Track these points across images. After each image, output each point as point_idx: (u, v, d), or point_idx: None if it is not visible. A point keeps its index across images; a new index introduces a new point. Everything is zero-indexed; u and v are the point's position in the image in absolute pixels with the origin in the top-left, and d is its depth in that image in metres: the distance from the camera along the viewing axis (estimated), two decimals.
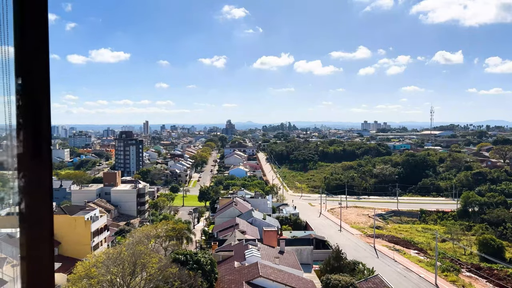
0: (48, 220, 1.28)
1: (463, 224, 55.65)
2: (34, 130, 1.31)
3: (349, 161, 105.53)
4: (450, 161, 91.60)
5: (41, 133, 1.32)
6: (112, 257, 21.55)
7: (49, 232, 1.28)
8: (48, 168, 1.32)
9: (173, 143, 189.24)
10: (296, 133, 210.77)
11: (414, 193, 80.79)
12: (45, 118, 1.35)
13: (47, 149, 1.33)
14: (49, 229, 1.28)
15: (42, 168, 1.32)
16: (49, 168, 1.30)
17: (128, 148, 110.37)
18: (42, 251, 1.28)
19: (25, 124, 1.32)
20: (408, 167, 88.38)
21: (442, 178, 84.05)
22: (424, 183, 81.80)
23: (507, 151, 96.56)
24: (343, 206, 64.40)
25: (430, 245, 45.99)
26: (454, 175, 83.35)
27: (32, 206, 1.29)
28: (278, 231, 38.00)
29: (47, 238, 1.27)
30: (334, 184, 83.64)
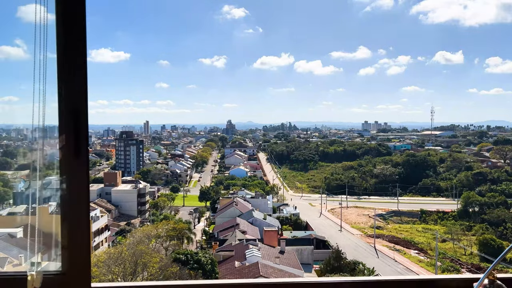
0: (85, 209, 1.55)
1: (463, 224, 55.68)
2: (75, 133, 1.54)
3: (349, 161, 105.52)
4: (451, 161, 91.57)
5: (80, 136, 1.54)
6: (113, 256, 21.62)
7: (86, 218, 1.54)
8: (86, 166, 1.55)
9: (174, 143, 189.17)
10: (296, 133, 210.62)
11: (414, 193, 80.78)
12: (83, 122, 1.56)
13: (85, 150, 1.54)
14: (86, 215, 1.55)
15: (82, 166, 1.55)
16: (87, 166, 1.55)
17: (128, 148, 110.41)
18: (81, 236, 1.55)
19: (67, 128, 1.53)
20: (408, 167, 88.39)
21: (442, 178, 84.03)
22: (425, 183, 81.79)
23: (508, 152, 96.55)
24: (343, 206, 64.41)
25: (430, 245, 46.02)
26: (455, 175, 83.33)
27: (73, 198, 1.53)
28: (278, 231, 38.05)
29: (85, 222, 1.54)
30: (335, 184, 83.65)
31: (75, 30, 1.55)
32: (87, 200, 1.56)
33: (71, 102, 1.54)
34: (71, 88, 1.56)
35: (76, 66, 1.57)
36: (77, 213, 1.55)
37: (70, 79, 1.54)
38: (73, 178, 1.54)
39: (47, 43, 1.53)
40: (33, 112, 1.46)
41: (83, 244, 1.57)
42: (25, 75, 73.01)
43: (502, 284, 1.51)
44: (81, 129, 1.54)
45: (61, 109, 1.53)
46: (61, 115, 1.54)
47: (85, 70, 1.57)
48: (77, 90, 1.56)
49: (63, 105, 1.55)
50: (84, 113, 1.56)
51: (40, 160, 1.66)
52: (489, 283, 1.51)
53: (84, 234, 1.57)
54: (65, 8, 1.52)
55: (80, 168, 1.54)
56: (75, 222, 1.55)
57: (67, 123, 1.53)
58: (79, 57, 1.58)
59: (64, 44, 1.54)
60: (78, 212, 1.55)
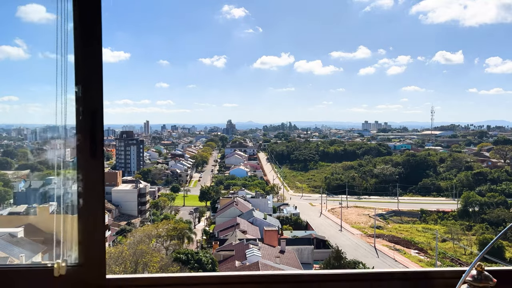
0: (101, 206, 1.67)
1: (463, 224, 55.70)
2: (91, 134, 1.63)
3: (349, 161, 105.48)
4: (451, 161, 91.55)
5: (96, 137, 1.63)
6: (114, 256, 21.67)
7: (102, 214, 1.67)
8: (102, 166, 1.66)
9: (174, 143, 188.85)
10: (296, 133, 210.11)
11: (414, 193, 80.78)
12: (99, 123, 1.64)
13: (101, 150, 1.65)
14: (102, 212, 1.67)
15: (98, 166, 1.66)
16: (102, 166, 1.66)
17: (128, 148, 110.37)
18: (97, 231, 1.67)
19: (84, 129, 1.63)
20: (408, 167, 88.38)
21: (442, 178, 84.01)
22: (425, 183, 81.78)
23: (508, 151, 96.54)
24: (343, 206, 64.42)
25: (430, 245, 46.06)
26: (455, 175, 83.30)
27: (89, 196, 1.65)
28: (278, 230, 38.09)
29: (101, 218, 1.67)
30: (335, 184, 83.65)
31: (91, 34, 1.62)
32: (102, 197, 1.65)
33: (88, 104, 1.61)
34: (88, 90, 1.62)
35: (92, 69, 1.63)
36: (93, 210, 1.66)
37: (87, 81, 1.62)
38: (90, 177, 1.64)
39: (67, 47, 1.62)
40: (56, 112, 1.56)
41: (98, 238, 1.67)
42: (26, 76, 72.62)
43: (489, 275, 1.59)
44: (97, 130, 1.62)
45: (78, 111, 1.61)
46: (78, 116, 1.61)
47: (100, 73, 1.63)
48: (93, 92, 1.63)
49: (80, 107, 1.62)
50: (100, 114, 1.63)
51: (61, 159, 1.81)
52: (477, 274, 1.60)
53: (99, 228, 1.67)
54: (82, 14, 1.60)
55: (96, 168, 1.64)
56: (91, 218, 1.66)
57: (84, 124, 1.61)
58: (95, 60, 1.64)
59: (81, 47, 1.61)
60: (94, 208, 1.66)
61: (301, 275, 1.88)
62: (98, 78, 1.65)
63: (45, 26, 69.13)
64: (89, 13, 1.60)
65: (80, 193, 1.64)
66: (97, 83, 1.65)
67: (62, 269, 1.59)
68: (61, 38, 1.61)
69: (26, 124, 66.96)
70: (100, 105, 1.62)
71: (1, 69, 77.86)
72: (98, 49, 1.65)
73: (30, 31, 62.45)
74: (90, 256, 1.66)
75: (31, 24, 63.44)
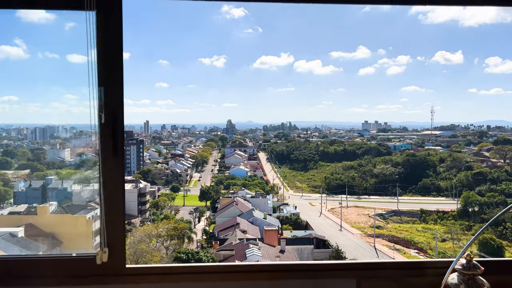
0: (121, 198, 1.88)
1: (463, 224, 55.71)
2: (113, 135, 1.79)
3: (349, 161, 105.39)
4: (451, 161, 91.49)
5: (117, 137, 1.79)
6: None
7: (122, 205, 1.87)
8: (122, 164, 1.83)
9: (174, 143, 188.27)
10: (296, 133, 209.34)
11: (414, 193, 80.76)
12: (120, 125, 1.79)
13: (122, 149, 1.80)
14: (122, 203, 1.88)
15: (119, 164, 1.84)
16: (122, 164, 1.83)
17: (128, 147, 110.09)
18: (118, 220, 1.87)
19: (106, 130, 1.81)
20: (408, 167, 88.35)
21: (442, 178, 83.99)
22: (425, 183, 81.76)
23: (508, 151, 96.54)
24: (343, 206, 64.44)
25: (430, 245, 46.12)
26: (455, 175, 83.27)
27: (111, 186, 1.85)
28: (278, 230, 38.12)
29: (121, 206, 1.87)
30: (335, 184, 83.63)
31: (113, 39, 1.78)
32: (123, 192, 1.85)
33: (109, 107, 1.78)
34: (110, 94, 1.77)
35: (114, 74, 1.77)
36: (115, 203, 1.87)
37: (109, 85, 1.78)
38: (112, 174, 1.83)
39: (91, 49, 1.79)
40: (90, 113, 1.71)
41: (119, 229, 1.86)
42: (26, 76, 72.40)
43: (477, 263, 1.74)
44: (118, 131, 1.78)
45: (101, 112, 1.76)
46: (100, 118, 1.77)
47: (121, 77, 1.76)
48: (114, 96, 1.78)
49: (103, 109, 1.77)
50: (120, 117, 1.77)
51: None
52: (466, 263, 1.74)
53: (120, 220, 1.88)
54: (104, 22, 1.77)
55: (117, 166, 1.83)
56: (114, 210, 1.87)
57: (106, 125, 1.76)
58: (117, 64, 1.78)
59: (104, 52, 1.78)
60: (116, 202, 1.87)
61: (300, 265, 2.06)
62: (119, 82, 1.79)
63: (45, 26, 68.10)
64: (111, 21, 1.76)
65: (104, 188, 1.82)
66: (118, 87, 1.78)
67: (104, 257, 1.78)
68: (90, 43, 1.77)
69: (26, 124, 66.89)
70: (121, 108, 1.76)
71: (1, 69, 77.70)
72: (119, 54, 1.78)
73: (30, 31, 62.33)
74: (112, 246, 1.84)
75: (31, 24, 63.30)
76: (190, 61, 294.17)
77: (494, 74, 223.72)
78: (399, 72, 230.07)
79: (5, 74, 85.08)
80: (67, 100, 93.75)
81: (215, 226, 46.51)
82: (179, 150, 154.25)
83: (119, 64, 1.80)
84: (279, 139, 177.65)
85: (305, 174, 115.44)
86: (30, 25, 62.98)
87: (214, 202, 63.46)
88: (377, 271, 1.99)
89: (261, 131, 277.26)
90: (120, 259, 1.84)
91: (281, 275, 1.98)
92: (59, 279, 1.80)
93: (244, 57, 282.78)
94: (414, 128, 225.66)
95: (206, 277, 1.88)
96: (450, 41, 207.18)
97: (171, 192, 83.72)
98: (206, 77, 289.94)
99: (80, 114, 58.60)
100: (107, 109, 1.80)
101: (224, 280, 1.88)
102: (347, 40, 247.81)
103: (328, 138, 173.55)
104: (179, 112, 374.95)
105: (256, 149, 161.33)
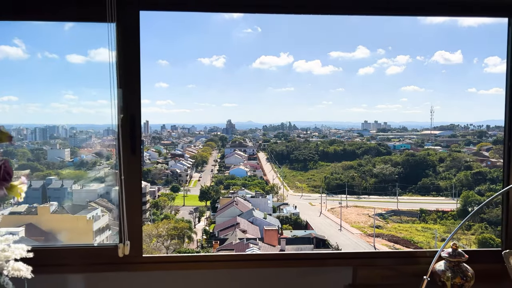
0: (138, 192, 2.13)
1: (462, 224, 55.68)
2: (131, 134, 2.05)
3: (349, 160, 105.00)
4: (450, 161, 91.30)
5: (135, 137, 2.08)
6: None
7: (139, 198, 2.13)
8: (139, 161, 2.11)
9: (174, 143, 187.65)
10: (296, 133, 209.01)
11: (414, 192, 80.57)
12: (137, 125, 2.05)
13: (139, 148, 2.09)
14: (139, 196, 2.13)
15: (137, 163, 2.14)
16: (140, 161, 2.11)
17: None
18: (135, 211, 2.14)
19: (125, 130, 2.06)
20: (408, 167, 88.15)
21: (442, 177, 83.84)
22: (424, 183, 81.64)
23: None
24: (343, 206, 64.42)
25: (429, 244, 46.10)
26: (454, 174, 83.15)
27: (130, 183, 2.10)
28: (278, 230, 38.12)
29: (138, 201, 2.14)
30: (334, 183, 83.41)
31: (131, 46, 2.03)
32: (140, 187, 2.13)
33: (128, 109, 2.00)
34: (128, 97, 2.00)
35: (132, 79, 2.01)
36: (133, 197, 2.13)
37: (128, 89, 2.01)
38: (131, 170, 2.10)
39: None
40: (112, 115, 1.93)
41: (137, 222, 2.15)
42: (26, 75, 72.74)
43: (462, 252, 2.01)
44: (136, 131, 2.04)
45: (120, 114, 1.99)
46: (119, 119, 1.99)
47: (138, 82, 2.00)
48: (133, 99, 2.00)
49: (122, 111, 2.00)
50: (138, 117, 2.03)
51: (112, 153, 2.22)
52: (452, 251, 2.02)
53: (137, 213, 2.15)
54: (123, 32, 2.02)
55: (135, 163, 2.12)
56: (131, 204, 2.13)
57: (125, 126, 2.00)
58: (135, 70, 2.03)
59: (123, 59, 2.00)
60: (134, 196, 2.14)
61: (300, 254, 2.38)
62: (137, 85, 2.03)
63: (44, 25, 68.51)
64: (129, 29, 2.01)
65: (123, 184, 2.09)
66: (136, 91, 2.02)
67: (126, 249, 1.97)
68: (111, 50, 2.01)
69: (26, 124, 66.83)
70: (138, 110, 2.02)
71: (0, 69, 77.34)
72: (137, 60, 2.03)
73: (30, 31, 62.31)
74: (131, 237, 2.10)
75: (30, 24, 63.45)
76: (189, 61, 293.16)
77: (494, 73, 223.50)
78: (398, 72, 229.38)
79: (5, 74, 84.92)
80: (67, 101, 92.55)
81: (215, 226, 46.32)
82: (179, 150, 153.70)
83: (137, 69, 2.05)
84: (279, 139, 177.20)
85: (305, 174, 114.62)
86: (29, 25, 63.01)
87: (214, 202, 63.00)
88: (372, 260, 2.24)
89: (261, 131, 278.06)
90: (137, 249, 2.11)
91: (284, 263, 2.22)
92: (84, 267, 2.07)
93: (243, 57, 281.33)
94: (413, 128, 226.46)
95: (215, 265, 2.15)
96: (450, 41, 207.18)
97: (171, 192, 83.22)
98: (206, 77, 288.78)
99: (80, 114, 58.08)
100: (126, 111, 2.02)
101: (231, 268, 2.14)
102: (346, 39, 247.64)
103: (327, 138, 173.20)
104: (179, 112, 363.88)
105: (256, 149, 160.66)
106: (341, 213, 60.91)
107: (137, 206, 2.17)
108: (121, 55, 2.05)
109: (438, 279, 2.02)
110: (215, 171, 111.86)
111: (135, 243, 2.15)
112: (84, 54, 61.91)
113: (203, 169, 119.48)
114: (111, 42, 1.96)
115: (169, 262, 2.19)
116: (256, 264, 2.21)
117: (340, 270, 2.22)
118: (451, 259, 2.02)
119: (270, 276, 2.20)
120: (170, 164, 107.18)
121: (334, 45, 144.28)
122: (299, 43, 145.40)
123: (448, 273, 2.00)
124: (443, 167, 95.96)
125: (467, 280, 1.99)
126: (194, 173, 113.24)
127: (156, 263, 2.16)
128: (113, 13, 1.90)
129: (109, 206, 56.39)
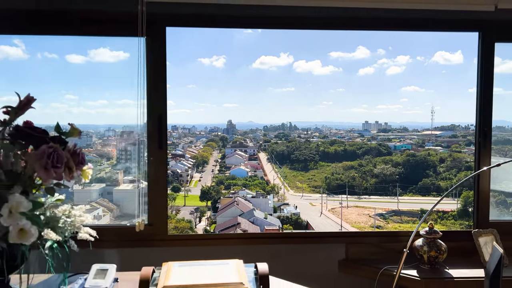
0: (164, 181, 2.44)
1: (463, 224, 55.73)
2: (159, 131, 2.37)
3: (350, 161, 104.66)
4: (451, 161, 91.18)
5: (162, 133, 2.38)
6: None
7: (164, 186, 2.44)
8: (165, 154, 2.42)
9: (174, 143, 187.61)
10: (297, 133, 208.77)
11: (414, 193, 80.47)
12: (164, 123, 2.38)
13: (165, 143, 2.41)
14: (164, 185, 2.44)
15: (163, 156, 2.43)
16: (166, 155, 2.42)
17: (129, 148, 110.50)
18: (162, 198, 2.44)
19: (153, 127, 2.36)
20: (408, 167, 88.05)
21: (442, 178, 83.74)
22: (425, 183, 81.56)
23: (508, 151, 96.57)
24: (343, 206, 64.46)
25: None
26: (455, 175, 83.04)
27: (157, 175, 2.41)
28: (279, 230, 38.14)
29: (164, 189, 2.44)
30: (335, 184, 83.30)
31: (158, 56, 2.32)
32: (165, 176, 2.44)
33: (156, 109, 2.29)
34: (156, 96, 2.29)
35: (159, 84, 2.30)
36: (159, 184, 2.43)
37: (157, 92, 2.30)
38: (158, 162, 2.40)
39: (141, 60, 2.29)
40: (137, 114, 2.17)
41: (162, 205, 2.45)
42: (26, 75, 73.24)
43: (437, 230, 2.33)
44: (163, 129, 2.36)
45: (149, 113, 2.28)
46: (149, 118, 2.29)
47: (165, 86, 2.30)
48: (160, 98, 2.30)
49: (151, 110, 2.29)
50: (164, 116, 2.33)
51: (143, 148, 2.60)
52: (429, 229, 2.34)
53: (163, 198, 2.45)
54: (152, 44, 2.33)
55: (162, 157, 2.41)
56: (158, 191, 2.42)
57: (153, 124, 2.29)
58: (162, 76, 2.31)
59: (151, 67, 2.28)
60: (160, 184, 2.43)
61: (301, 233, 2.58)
62: (163, 87, 2.31)
63: None
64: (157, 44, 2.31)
65: (151, 173, 2.39)
66: (163, 93, 2.32)
67: (141, 225, 2.26)
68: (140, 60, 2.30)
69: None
70: (165, 110, 2.31)
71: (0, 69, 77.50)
72: (163, 68, 2.32)
73: None
74: (157, 218, 2.43)
75: None
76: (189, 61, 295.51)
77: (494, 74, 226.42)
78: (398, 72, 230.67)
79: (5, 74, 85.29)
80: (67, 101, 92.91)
81: (216, 226, 46.18)
82: (179, 151, 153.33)
83: (163, 75, 2.36)
84: (279, 139, 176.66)
85: (305, 174, 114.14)
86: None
87: (215, 202, 62.77)
88: (362, 238, 2.55)
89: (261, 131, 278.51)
90: (163, 229, 2.44)
91: (286, 240, 2.52)
92: (118, 242, 2.37)
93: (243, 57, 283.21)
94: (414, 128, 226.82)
95: (228, 242, 2.50)
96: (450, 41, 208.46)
97: (172, 192, 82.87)
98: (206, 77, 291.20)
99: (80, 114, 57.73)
100: (154, 111, 2.34)
101: (241, 245, 2.47)
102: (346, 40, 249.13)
103: (328, 138, 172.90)
104: (179, 112, 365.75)
105: (257, 149, 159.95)
106: (342, 213, 60.52)
107: (163, 193, 2.45)
108: (150, 64, 2.33)
109: (417, 253, 2.31)
110: (215, 171, 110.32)
111: (162, 223, 2.45)
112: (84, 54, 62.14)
113: (204, 169, 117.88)
114: (141, 52, 2.23)
115: (188, 239, 2.53)
116: (263, 241, 2.51)
117: (335, 246, 2.50)
118: (428, 236, 2.32)
119: (276, 251, 2.48)
120: (171, 164, 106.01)
121: (334, 45, 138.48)
122: (299, 43, 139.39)
123: (425, 247, 2.29)
124: (444, 168, 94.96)
125: (441, 253, 2.28)
126: (195, 173, 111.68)
127: (180, 239, 2.50)
128: (143, 29, 2.16)
129: (110, 206, 56.72)
